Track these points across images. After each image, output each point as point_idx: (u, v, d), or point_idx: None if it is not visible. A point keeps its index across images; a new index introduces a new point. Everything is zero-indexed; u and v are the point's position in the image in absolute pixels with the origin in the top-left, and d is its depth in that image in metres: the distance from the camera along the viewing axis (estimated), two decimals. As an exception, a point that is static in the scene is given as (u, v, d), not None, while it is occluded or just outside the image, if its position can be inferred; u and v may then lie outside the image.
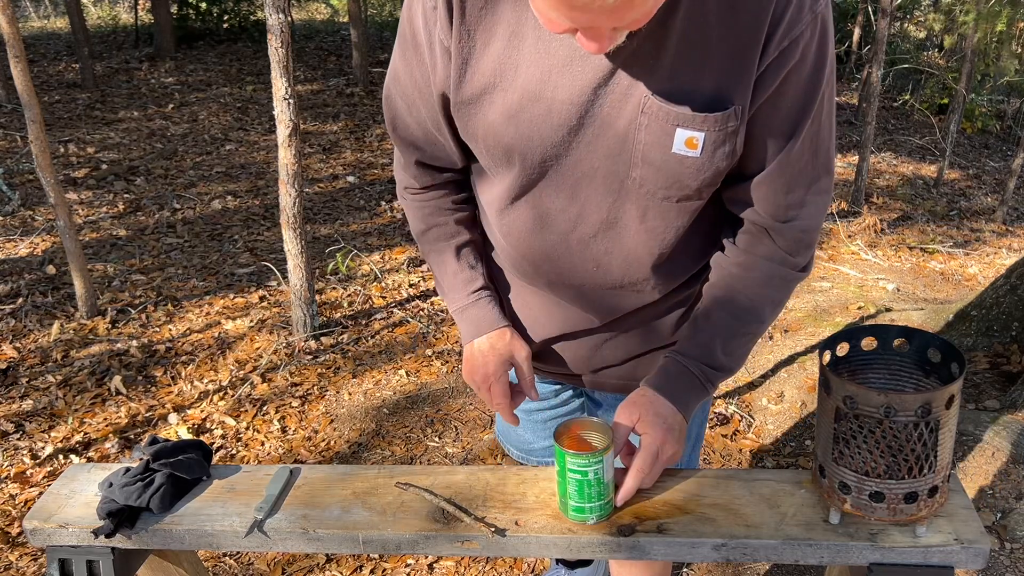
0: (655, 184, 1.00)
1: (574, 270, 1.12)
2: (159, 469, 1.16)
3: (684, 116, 0.93)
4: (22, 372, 3.17)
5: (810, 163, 1.02)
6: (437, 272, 1.25)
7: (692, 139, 0.95)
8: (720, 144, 0.96)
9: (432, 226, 1.22)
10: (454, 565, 2.21)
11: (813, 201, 1.05)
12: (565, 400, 1.47)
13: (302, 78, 8.89)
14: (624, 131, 0.97)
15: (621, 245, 1.08)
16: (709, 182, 1.00)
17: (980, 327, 3.23)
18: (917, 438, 0.95)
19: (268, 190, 5.43)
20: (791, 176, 1.02)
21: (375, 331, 3.58)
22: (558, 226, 1.08)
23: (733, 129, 0.95)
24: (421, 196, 1.22)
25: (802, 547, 1.02)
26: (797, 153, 1.00)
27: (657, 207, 1.03)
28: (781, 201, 1.04)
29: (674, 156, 0.97)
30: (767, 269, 1.09)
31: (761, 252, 1.09)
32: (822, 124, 1.01)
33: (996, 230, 5.45)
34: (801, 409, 2.92)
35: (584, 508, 1.06)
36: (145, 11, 10.91)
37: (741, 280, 1.10)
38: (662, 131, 0.95)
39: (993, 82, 8.41)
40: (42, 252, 4.28)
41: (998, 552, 2.17)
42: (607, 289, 1.14)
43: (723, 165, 0.98)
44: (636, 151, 0.98)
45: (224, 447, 2.75)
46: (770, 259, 1.09)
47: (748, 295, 1.10)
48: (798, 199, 1.04)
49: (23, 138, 6.09)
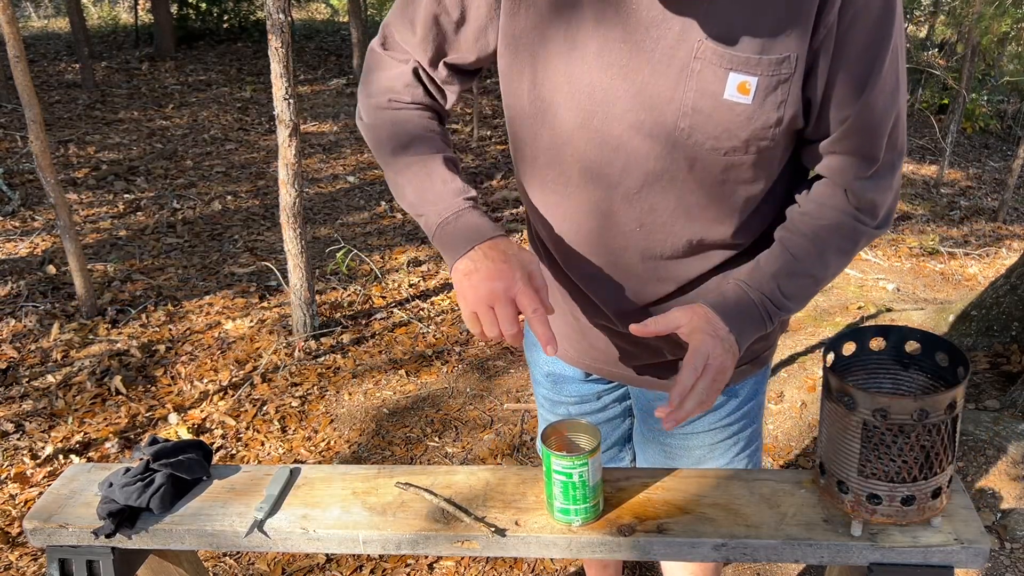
0: (704, 134, 0.98)
1: (617, 230, 1.09)
2: (159, 469, 1.16)
3: (738, 59, 0.92)
4: (22, 372, 3.17)
5: (883, 119, 0.99)
6: (417, 186, 1.09)
7: (744, 84, 0.93)
8: (771, 90, 0.94)
9: (416, 138, 1.11)
10: (454, 565, 2.21)
11: (888, 160, 1.02)
12: (606, 404, 1.43)
13: (302, 78, 8.89)
14: (675, 78, 0.96)
15: (665, 202, 1.05)
16: (759, 134, 0.97)
17: (980, 327, 3.23)
18: (946, 434, 0.96)
19: (268, 190, 5.43)
20: (864, 134, 0.99)
21: (375, 331, 3.58)
22: (604, 179, 1.05)
23: (786, 77, 0.94)
24: (407, 109, 1.13)
25: (802, 547, 1.02)
26: (868, 109, 0.97)
27: (704, 160, 1.00)
28: (855, 161, 1.01)
29: (725, 103, 0.95)
30: (837, 218, 1.06)
31: (833, 203, 1.06)
32: (894, 77, 0.97)
33: (996, 230, 5.45)
34: (801, 409, 2.92)
35: (569, 510, 1.06)
36: (145, 11, 10.91)
37: (809, 224, 1.07)
38: (715, 76, 0.94)
39: (993, 82, 8.41)
40: (42, 252, 4.28)
41: (998, 552, 2.17)
42: (649, 259, 1.11)
43: (774, 117, 0.96)
44: (686, 99, 0.96)
45: (224, 447, 2.75)
46: (842, 211, 1.06)
47: (815, 238, 1.06)
48: (872, 156, 1.01)
49: (23, 138, 6.09)
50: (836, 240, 1.06)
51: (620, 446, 1.51)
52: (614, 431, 1.47)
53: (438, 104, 1.17)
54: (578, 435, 1.11)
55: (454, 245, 1.04)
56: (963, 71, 6.29)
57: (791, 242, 1.07)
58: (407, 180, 1.10)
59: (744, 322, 1.04)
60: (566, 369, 1.38)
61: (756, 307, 1.05)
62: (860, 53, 0.94)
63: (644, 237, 1.09)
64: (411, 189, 1.10)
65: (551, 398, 1.44)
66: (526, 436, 2.83)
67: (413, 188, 1.09)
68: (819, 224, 1.06)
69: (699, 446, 1.33)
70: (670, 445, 1.36)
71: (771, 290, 1.05)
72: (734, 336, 1.02)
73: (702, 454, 1.34)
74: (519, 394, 3.08)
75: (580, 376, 1.38)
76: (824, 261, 1.07)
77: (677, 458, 1.36)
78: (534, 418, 2.93)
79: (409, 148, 1.10)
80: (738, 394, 1.30)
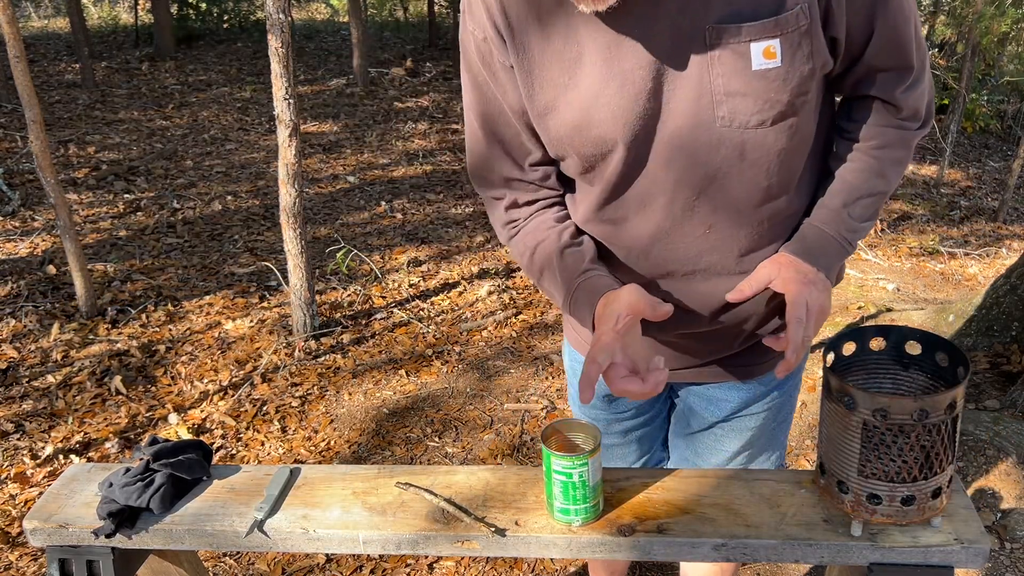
0: (746, 113, 0.98)
1: (686, 242, 1.09)
2: (159, 469, 1.16)
3: (754, 28, 0.93)
4: (22, 372, 3.17)
5: (905, 26, 1.02)
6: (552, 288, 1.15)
7: (769, 48, 0.94)
8: (797, 46, 0.95)
9: (536, 246, 1.15)
10: (454, 565, 2.21)
11: (919, 62, 1.06)
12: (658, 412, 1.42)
13: (302, 78, 8.89)
14: (698, 74, 0.96)
15: (726, 195, 1.05)
16: (798, 90, 0.98)
17: (980, 327, 3.23)
18: (946, 434, 0.96)
19: (268, 190, 5.43)
20: (892, 46, 1.02)
21: (375, 331, 3.58)
22: (658, 201, 1.06)
23: (805, 28, 0.94)
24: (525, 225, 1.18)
25: (802, 547, 1.02)
26: (889, 20, 1.00)
27: (753, 138, 1.01)
28: (892, 75, 1.05)
29: (756, 74, 0.95)
30: (887, 133, 1.09)
31: (879, 120, 1.09)
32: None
33: (996, 230, 5.45)
34: (801, 409, 2.92)
35: (569, 510, 1.06)
36: (145, 11, 10.91)
37: (864, 147, 1.10)
38: (737, 54, 0.94)
39: (993, 82, 8.41)
40: (42, 252, 4.28)
41: (998, 552, 2.17)
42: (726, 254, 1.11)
43: (806, 69, 0.97)
44: (716, 88, 0.96)
45: (224, 447, 2.75)
46: (890, 125, 1.09)
47: (872, 159, 1.10)
48: (906, 64, 1.05)
49: (23, 138, 6.09)
50: (891, 153, 1.10)
51: (662, 448, 1.51)
52: (660, 432, 1.48)
53: (548, 192, 1.18)
54: (578, 435, 1.11)
55: (584, 320, 1.09)
56: (963, 71, 6.29)
57: (850, 170, 1.10)
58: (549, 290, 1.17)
59: (829, 257, 1.08)
60: None
61: (835, 240, 1.09)
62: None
63: (717, 236, 1.09)
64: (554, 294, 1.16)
65: (606, 418, 1.41)
66: (526, 436, 2.83)
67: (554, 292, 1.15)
68: (873, 144, 1.09)
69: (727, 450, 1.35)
70: (699, 449, 1.38)
71: (844, 221, 1.09)
72: (823, 273, 1.06)
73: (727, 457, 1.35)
74: (519, 394, 3.08)
75: None
76: (886, 176, 1.10)
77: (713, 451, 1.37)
78: (534, 418, 2.93)
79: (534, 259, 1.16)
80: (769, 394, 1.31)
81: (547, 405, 3.00)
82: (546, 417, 2.93)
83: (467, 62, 1.09)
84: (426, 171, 6.07)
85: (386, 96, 8.31)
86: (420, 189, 5.66)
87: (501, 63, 1.04)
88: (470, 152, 1.18)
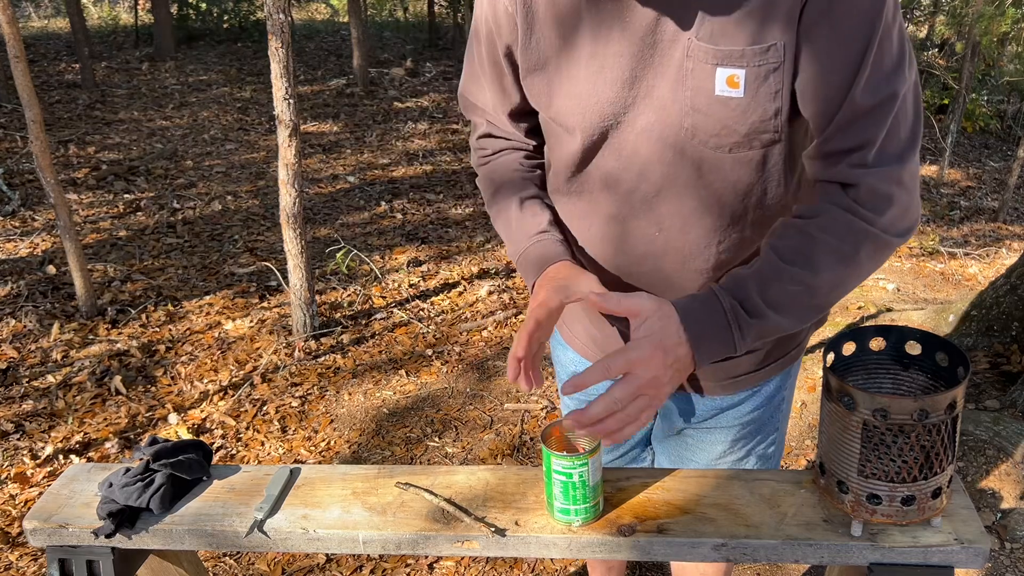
0: (705, 132, 0.98)
1: (639, 235, 1.10)
2: (159, 469, 1.16)
3: (722, 53, 0.93)
4: (22, 372, 3.17)
5: (881, 103, 0.90)
6: (504, 233, 1.18)
7: (733, 77, 0.93)
8: (762, 81, 0.92)
9: (500, 186, 1.20)
10: (454, 565, 2.21)
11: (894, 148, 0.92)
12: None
13: (302, 78, 8.89)
14: (675, 79, 0.97)
15: (681, 206, 1.06)
16: (757, 127, 0.96)
17: (980, 327, 3.23)
18: (946, 434, 0.96)
19: (268, 190, 5.43)
20: (859, 120, 0.91)
21: (375, 331, 3.58)
22: (621, 186, 1.08)
23: (775, 65, 0.92)
24: (493, 159, 1.23)
25: (802, 547, 1.02)
26: (863, 90, 0.90)
27: (711, 162, 1.01)
28: (851, 149, 0.92)
29: (718, 99, 0.95)
30: (832, 214, 0.95)
31: (829, 199, 0.96)
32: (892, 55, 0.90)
33: (996, 230, 5.45)
34: (801, 409, 2.93)
35: (569, 510, 1.06)
36: (145, 11, 10.92)
37: (801, 224, 0.97)
38: (704, 74, 0.94)
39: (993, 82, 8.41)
40: (42, 252, 4.28)
41: (998, 552, 2.17)
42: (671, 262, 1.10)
43: (771, 108, 0.94)
44: (686, 99, 0.97)
45: (224, 447, 2.75)
46: (838, 205, 0.95)
47: (804, 237, 0.95)
48: (869, 141, 0.92)
49: (23, 138, 6.09)
50: (831, 239, 0.94)
51: (642, 447, 1.51)
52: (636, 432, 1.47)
53: (521, 143, 1.22)
54: (578, 435, 1.11)
55: (527, 279, 1.12)
56: (963, 71, 6.29)
57: (778, 244, 0.97)
58: (500, 231, 1.19)
59: (706, 328, 0.93)
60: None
61: (724, 314, 0.94)
62: (847, 32, 0.88)
63: (664, 241, 1.09)
64: (504, 237, 1.18)
65: (578, 397, 1.44)
66: (526, 436, 2.83)
67: (504, 236, 1.18)
68: (811, 222, 0.95)
69: (719, 442, 1.33)
70: (689, 443, 1.37)
71: (747, 295, 0.94)
72: (689, 344, 0.92)
73: (722, 450, 1.34)
74: (519, 394, 3.08)
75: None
76: (815, 264, 0.94)
77: (696, 456, 1.36)
78: (534, 418, 2.93)
79: (495, 198, 1.20)
80: (760, 393, 1.29)
81: (547, 405, 3.00)
82: (546, 417, 2.93)
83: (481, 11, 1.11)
84: (426, 171, 6.07)
85: (386, 96, 8.31)
86: (420, 189, 5.66)
87: (506, 7, 1.06)
88: (464, 71, 1.22)
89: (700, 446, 1.35)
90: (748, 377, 1.25)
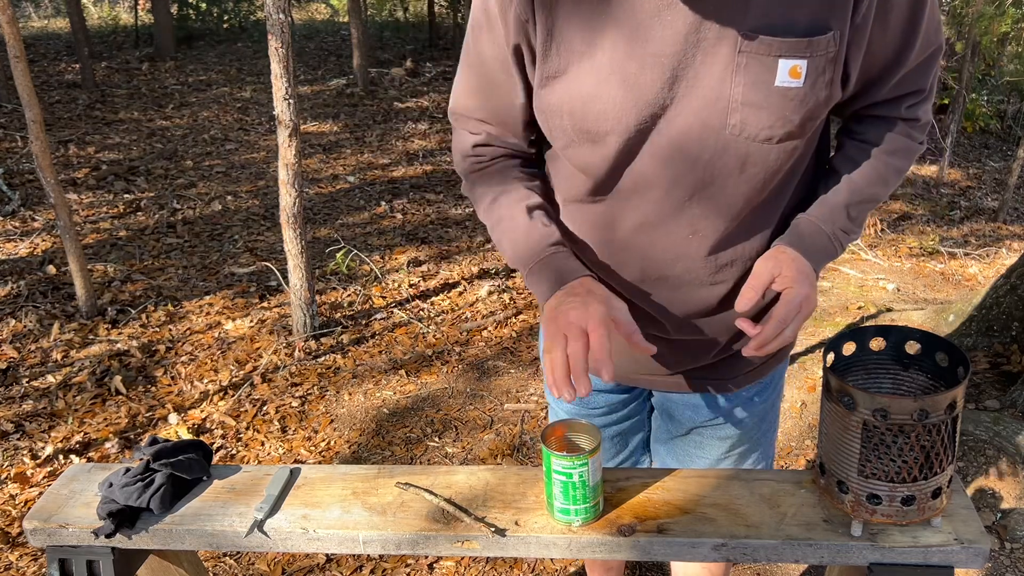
0: (758, 126, 0.98)
1: (670, 240, 1.09)
2: (159, 469, 1.16)
3: (786, 45, 0.93)
4: (22, 372, 3.17)
5: (932, 55, 1.06)
6: (509, 240, 1.14)
7: (796, 67, 0.95)
8: (821, 71, 0.96)
9: (501, 193, 1.15)
10: (454, 565, 2.21)
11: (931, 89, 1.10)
12: (632, 412, 1.42)
13: (302, 78, 8.89)
14: (720, 77, 0.96)
15: (716, 204, 1.05)
16: (811, 115, 0.99)
17: (980, 327, 3.23)
18: (946, 434, 0.96)
19: (268, 190, 5.43)
20: (910, 80, 1.07)
21: (375, 331, 3.58)
22: (654, 190, 1.05)
23: (833, 56, 0.95)
24: (489, 166, 1.18)
25: (802, 547, 1.02)
26: (913, 61, 1.04)
27: (757, 152, 1.01)
28: (910, 96, 1.09)
29: (777, 90, 0.96)
30: (899, 141, 1.12)
31: (895, 129, 1.12)
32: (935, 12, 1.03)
33: (996, 230, 5.45)
34: (801, 409, 2.92)
35: (569, 510, 1.06)
36: (145, 11, 10.92)
37: (875, 150, 1.13)
38: (763, 66, 0.94)
39: (993, 82, 8.41)
40: (42, 252, 4.28)
41: (998, 552, 2.17)
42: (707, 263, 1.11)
43: (823, 95, 0.98)
44: (734, 95, 0.96)
45: (224, 447, 2.75)
46: (902, 134, 1.12)
47: (878, 163, 1.12)
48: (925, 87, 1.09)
49: (23, 138, 6.09)
50: (897, 162, 1.12)
51: (642, 450, 1.50)
52: (635, 435, 1.47)
53: (521, 152, 1.18)
54: (578, 435, 1.11)
55: (543, 288, 1.08)
56: (963, 71, 6.29)
57: (854, 170, 1.11)
58: (501, 237, 1.15)
59: (819, 254, 1.09)
60: (595, 382, 1.36)
61: (830, 240, 1.10)
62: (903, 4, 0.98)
63: (699, 242, 1.09)
64: (506, 244, 1.14)
65: (577, 413, 1.43)
66: (526, 436, 2.83)
67: (506, 245, 1.14)
68: (883, 149, 1.11)
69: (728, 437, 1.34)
70: (697, 441, 1.37)
71: (842, 220, 1.11)
72: (814, 269, 1.08)
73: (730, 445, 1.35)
74: (519, 394, 3.08)
75: (610, 387, 1.37)
76: (887, 184, 1.13)
77: (705, 453, 1.37)
78: (534, 418, 2.93)
79: (495, 205, 1.15)
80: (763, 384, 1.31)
81: (547, 405, 3.00)
82: (546, 417, 2.93)
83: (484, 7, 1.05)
84: (426, 171, 6.07)
85: (386, 96, 8.31)
86: (420, 189, 5.66)
87: (518, 15, 1.01)
88: (459, 83, 1.15)
89: (709, 443, 1.35)
90: (760, 369, 1.27)
